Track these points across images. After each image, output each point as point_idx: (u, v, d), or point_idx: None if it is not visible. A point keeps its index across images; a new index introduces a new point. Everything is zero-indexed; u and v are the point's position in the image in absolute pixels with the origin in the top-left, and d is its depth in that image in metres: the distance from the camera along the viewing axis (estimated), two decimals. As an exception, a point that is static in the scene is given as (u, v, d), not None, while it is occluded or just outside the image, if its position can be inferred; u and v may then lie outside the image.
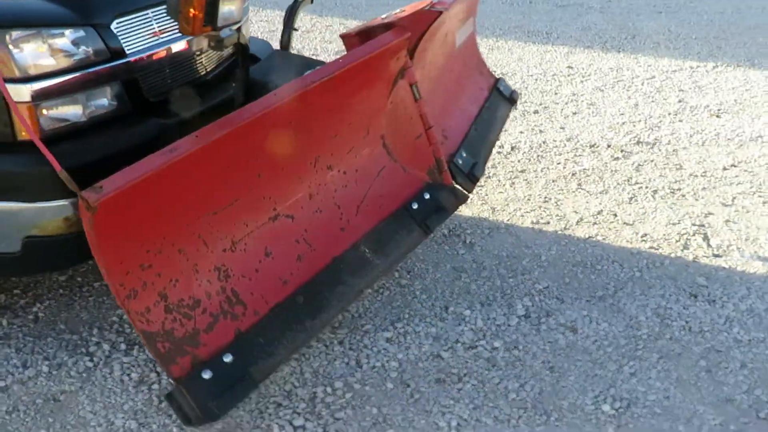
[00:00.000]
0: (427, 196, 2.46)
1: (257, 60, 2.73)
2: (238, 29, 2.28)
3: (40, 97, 1.89)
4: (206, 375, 1.82)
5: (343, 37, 2.40)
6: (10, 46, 1.82)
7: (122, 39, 2.11)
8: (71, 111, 2.00)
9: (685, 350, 2.31)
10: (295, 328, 2.02)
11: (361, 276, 2.21)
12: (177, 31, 2.32)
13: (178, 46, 2.32)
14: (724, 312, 2.50)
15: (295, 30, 2.68)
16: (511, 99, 3.25)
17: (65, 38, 1.96)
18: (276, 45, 2.88)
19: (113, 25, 2.09)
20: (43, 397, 2.07)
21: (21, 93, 1.85)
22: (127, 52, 2.13)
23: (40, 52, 1.91)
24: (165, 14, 2.27)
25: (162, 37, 2.27)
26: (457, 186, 2.57)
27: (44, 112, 1.92)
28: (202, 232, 1.91)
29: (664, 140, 4.00)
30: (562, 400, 2.11)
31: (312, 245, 2.18)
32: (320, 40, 5.89)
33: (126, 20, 2.14)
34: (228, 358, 1.87)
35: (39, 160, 1.90)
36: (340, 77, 2.06)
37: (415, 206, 2.42)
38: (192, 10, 1.75)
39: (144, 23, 2.21)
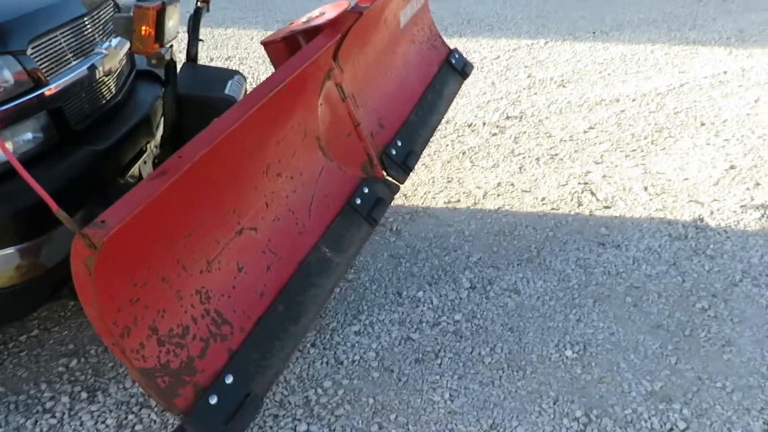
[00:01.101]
0: (366, 191, 2.54)
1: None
2: (170, 46, 2.18)
3: (-31, 138, 1.69)
4: (213, 400, 1.77)
5: (266, 44, 2.39)
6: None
7: (40, 65, 1.94)
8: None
9: (612, 291, 2.64)
10: (282, 337, 2.03)
11: (328, 276, 2.25)
12: (85, 53, 2.18)
13: (91, 69, 2.16)
14: (630, 254, 2.88)
15: (201, 41, 2.60)
16: (463, 72, 3.10)
17: (-17, 70, 1.77)
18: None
19: (29, 51, 1.92)
20: (13, 468, 1.88)
21: (-48, 136, 1.65)
22: (48, 79, 1.96)
23: (-38, 88, 1.71)
24: (73, 36, 2.12)
25: (75, 61, 2.11)
26: (389, 178, 2.67)
27: (-28, 155, 1.72)
28: (180, 257, 1.84)
29: (528, 113, 4.41)
30: (530, 354, 2.32)
31: (277, 254, 2.17)
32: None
33: (40, 45, 1.97)
34: (229, 380, 1.83)
35: (-19, 207, 1.73)
36: (284, 88, 2.07)
37: (358, 201, 2.49)
38: (146, 27, 1.67)
39: (56, 47, 2.04)
